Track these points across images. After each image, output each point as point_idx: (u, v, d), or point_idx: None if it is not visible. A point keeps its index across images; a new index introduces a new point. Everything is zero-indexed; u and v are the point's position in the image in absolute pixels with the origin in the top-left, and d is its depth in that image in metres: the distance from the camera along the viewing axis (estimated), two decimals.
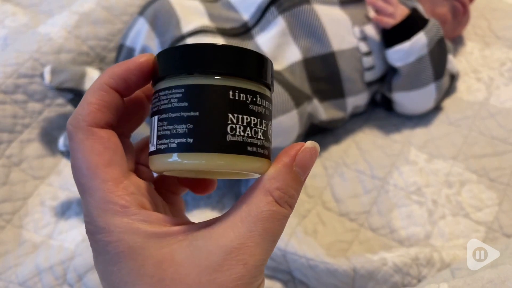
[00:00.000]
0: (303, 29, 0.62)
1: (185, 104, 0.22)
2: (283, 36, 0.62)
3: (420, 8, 0.70)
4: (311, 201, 0.60)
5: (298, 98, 0.59)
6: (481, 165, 0.62)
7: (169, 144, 0.22)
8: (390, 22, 0.65)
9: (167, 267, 0.21)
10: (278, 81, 0.59)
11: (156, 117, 0.23)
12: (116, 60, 0.66)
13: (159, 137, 0.23)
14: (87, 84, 0.59)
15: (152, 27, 0.62)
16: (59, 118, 0.65)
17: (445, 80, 0.68)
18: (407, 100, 0.68)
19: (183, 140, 0.22)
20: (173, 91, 0.22)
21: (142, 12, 0.64)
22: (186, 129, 0.22)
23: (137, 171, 0.26)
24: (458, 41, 0.82)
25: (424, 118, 0.70)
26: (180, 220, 0.23)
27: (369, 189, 0.61)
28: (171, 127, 0.22)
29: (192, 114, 0.22)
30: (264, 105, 0.23)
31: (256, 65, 0.23)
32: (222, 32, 0.62)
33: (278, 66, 0.61)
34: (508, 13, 0.86)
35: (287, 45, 0.62)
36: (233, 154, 0.22)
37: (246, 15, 0.64)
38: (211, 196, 0.60)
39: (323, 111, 0.64)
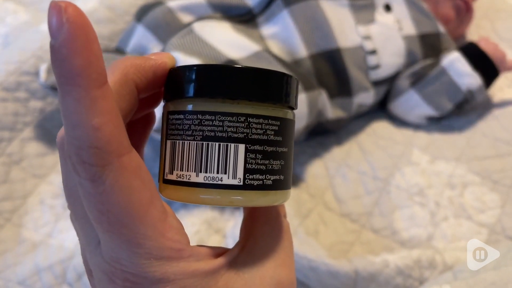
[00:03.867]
0: (309, 24, 0.62)
1: (280, 138, 0.21)
2: (289, 31, 0.61)
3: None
4: (312, 200, 0.60)
5: (306, 83, 0.59)
6: (484, 167, 0.62)
7: (264, 181, 0.20)
8: (481, 42, 0.67)
9: None
10: (285, 68, 0.58)
11: (242, 145, 0.20)
12: None
13: (250, 171, 0.20)
14: None
15: (155, 35, 0.61)
16: (61, 117, 0.65)
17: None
18: (413, 105, 0.68)
19: (277, 177, 0.21)
20: (270, 122, 0.20)
21: (139, 18, 0.62)
22: (280, 166, 0.21)
23: None
24: (461, 42, 0.81)
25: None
26: (218, 249, 0.22)
27: (371, 190, 0.61)
28: (266, 162, 0.20)
29: (284, 150, 0.21)
30: None
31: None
32: (228, 18, 0.62)
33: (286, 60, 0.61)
34: None
35: (293, 40, 0.61)
36: (290, 189, 0.23)
37: (250, 1, 0.64)
38: None
39: (330, 109, 0.63)
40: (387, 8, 0.69)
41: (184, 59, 0.56)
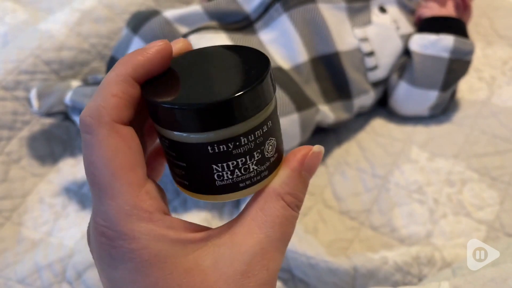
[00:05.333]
0: (308, 28, 0.62)
1: (174, 154, 0.23)
2: (289, 35, 0.61)
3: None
4: (312, 198, 0.60)
5: (301, 103, 0.58)
6: (482, 164, 0.62)
7: (175, 178, 0.24)
8: (425, 12, 0.69)
9: (195, 275, 0.21)
10: (280, 84, 0.58)
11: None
12: (106, 72, 0.66)
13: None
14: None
15: None
16: (59, 116, 0.64)
17: (447, 94, 0.68)
18: (407, 95, 0.68)
19: (182, 180, 0.24)
20: (162, 139, 0.23)
21: (135, 29, 0.61)
22: (182, 172, 0.23)
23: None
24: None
25: (425, 116, 0.70)
26: (198, 226, 0.23)
27: (370, 188, 0.61)
28: (173, 166, 0.24)
29: (181, 164, 0.23)
30: (254, 137, 0.22)
31: (238, 108, 0.21)
32: (225, 28, 0.62)
33: (285, 65, 0.61)
34: (511, 12, 0.85)
35: (293, 44, 0.61)
36: (225, 194, 0.23)
37: (247, 7, 0.64)
38: None
39: (331, 114, 0.63)
40: (382, 9, 0.69)
41: None
